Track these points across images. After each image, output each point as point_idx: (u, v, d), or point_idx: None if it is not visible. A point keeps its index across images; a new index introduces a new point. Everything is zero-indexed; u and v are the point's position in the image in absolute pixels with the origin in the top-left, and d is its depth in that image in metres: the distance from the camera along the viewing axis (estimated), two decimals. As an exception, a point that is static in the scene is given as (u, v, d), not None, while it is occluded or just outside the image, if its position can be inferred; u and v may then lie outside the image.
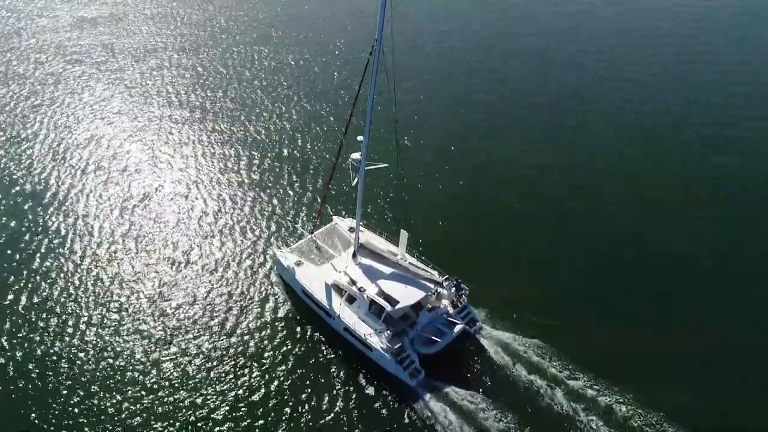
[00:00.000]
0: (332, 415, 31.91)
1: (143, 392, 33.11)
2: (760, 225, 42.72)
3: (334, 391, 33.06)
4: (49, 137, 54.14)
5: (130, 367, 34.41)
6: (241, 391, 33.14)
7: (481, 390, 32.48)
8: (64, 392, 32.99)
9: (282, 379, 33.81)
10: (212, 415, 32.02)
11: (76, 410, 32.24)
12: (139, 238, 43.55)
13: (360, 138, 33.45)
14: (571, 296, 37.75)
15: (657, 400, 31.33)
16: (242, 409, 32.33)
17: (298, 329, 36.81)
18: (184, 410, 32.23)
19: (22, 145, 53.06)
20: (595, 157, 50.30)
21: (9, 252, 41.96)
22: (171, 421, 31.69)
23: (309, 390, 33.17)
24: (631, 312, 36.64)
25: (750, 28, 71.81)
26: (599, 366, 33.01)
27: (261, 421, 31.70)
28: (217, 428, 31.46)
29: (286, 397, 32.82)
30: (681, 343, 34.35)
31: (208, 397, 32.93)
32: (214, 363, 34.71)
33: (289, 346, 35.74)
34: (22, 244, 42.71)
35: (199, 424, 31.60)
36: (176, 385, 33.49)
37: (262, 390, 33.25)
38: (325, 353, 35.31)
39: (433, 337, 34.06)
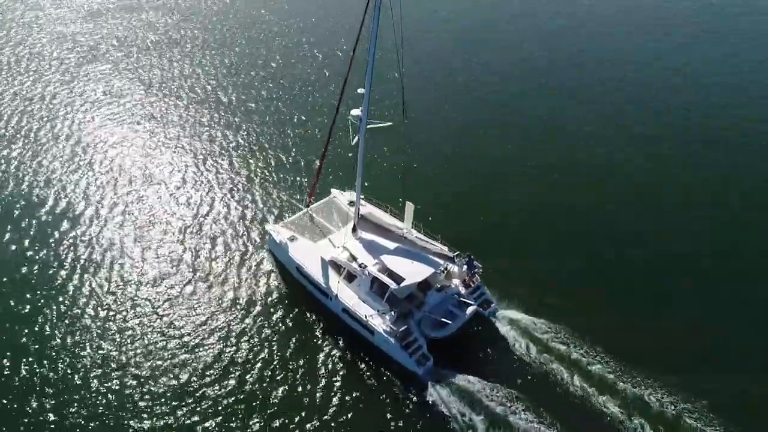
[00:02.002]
0: (329, 405, 30.29)
1: (125, 378, 31.53)
2: (760, 225, 42.77)
3: (332, 379, 31.39)
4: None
5: (111, 353, 32.94)
6: (229, 380, 31.45)
7: (495, 379, 30.76)
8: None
9: (274, 365, 32.12)
10: (199, 405, 30.33)
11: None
12: (123, 212, 42.35)
13: (360, 90, 31.24)
14: (571, 296, 36.80)
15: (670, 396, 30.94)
16: (231, 398, 30.61)
17: (292, 311, 35.13)
18: (168, 399, 30.60)
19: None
20: (594, 157, 50.11)
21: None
22: (155, 411, 30.02)
23: (303, 378, 31.50)
24: (630, 311, 36.13)
25: (752, 27, 72.27)
26: (618, 355, 32.42)
27: (252, 412, 29.97)
28: (204, 417, 29.76)
29: (278, 386, 31.18)
30: (681, 343, 33.96)
31: (193, 384, 31.24)
32: (199, 348, 32.97)
33: (282, 330, 34.05)
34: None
35: (187, 414, 29.93)
36: (160, 373, 31.80)
37: (253, 378, 31.60)
38: (321, 337, 33.64)
39: (443, 320, 31.78)
